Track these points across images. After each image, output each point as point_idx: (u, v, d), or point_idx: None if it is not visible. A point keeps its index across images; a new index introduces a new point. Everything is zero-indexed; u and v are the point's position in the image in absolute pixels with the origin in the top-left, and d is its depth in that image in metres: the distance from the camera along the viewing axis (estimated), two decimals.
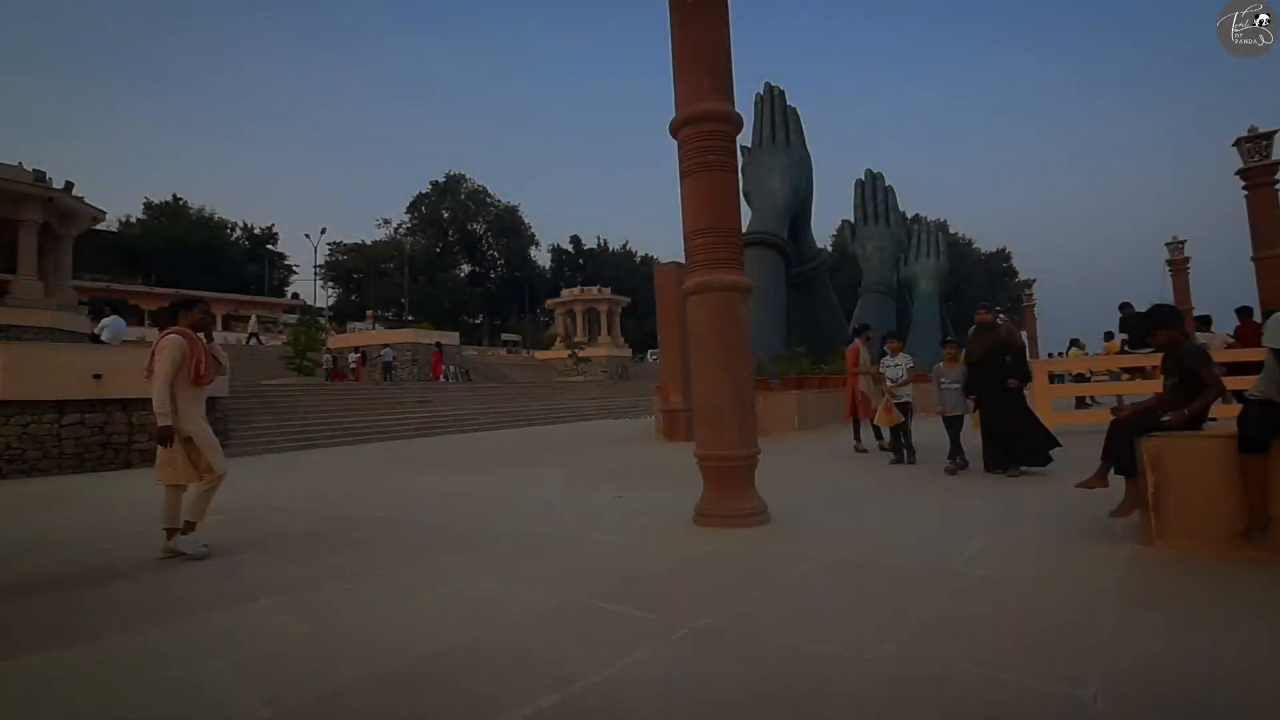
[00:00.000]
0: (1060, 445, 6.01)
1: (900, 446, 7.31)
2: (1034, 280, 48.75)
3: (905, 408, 7.30)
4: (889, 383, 7.38)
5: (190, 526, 4.38)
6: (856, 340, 8.98)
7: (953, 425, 6.57)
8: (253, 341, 32.95)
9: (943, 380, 6.76)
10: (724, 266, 4.58)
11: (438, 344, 29.23)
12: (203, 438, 4.42)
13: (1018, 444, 6.02)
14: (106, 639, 2.83)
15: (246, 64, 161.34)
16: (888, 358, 7.61)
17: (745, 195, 16.53)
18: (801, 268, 17.35)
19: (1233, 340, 10.79)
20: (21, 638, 2.91)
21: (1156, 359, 6.23)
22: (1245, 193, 11.46)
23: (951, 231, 64.21)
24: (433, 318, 46.70)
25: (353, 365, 27.01)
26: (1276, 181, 11.29)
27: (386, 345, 28.53)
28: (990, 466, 6.13)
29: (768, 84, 17.71)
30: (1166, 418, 3.52)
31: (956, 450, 6.43)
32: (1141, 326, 3.83)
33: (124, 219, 53.09)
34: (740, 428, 4.50)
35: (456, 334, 35.51)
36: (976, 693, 1.97)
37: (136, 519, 6.21)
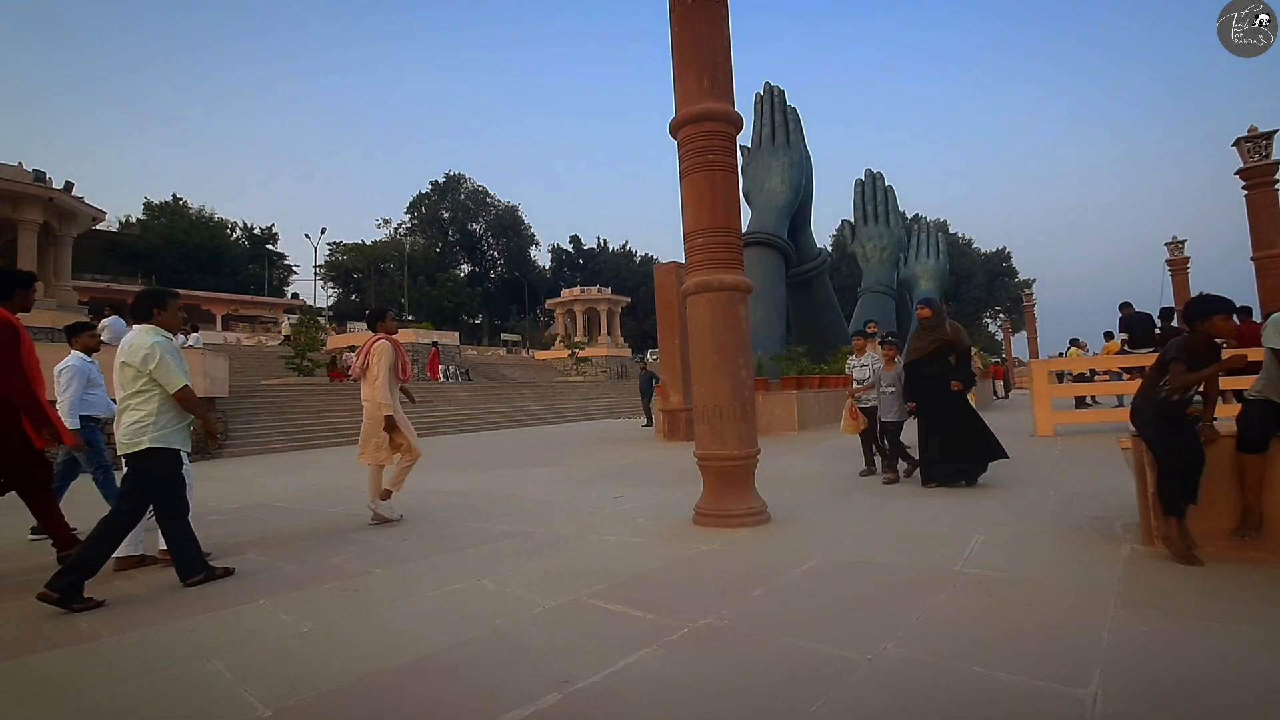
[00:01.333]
0: (1007, 457, 5.53)
1: (871, 455, 6.74)
2: (1033, 280, 48.67)
3: (873, 413, 6.67)
4: (856, 385, 6.85)
5: (388, 494, 5.37)
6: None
7: (888, 431, 6.17)
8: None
9: (880, 383, 6.31)
10: (724, 266, 4.58)
11: (434, 344, 29.32)
12: (405, 423, 5.36)
13: (959, 454, 5.50)
14: (106, 639, 2.83)
15: (247, 64, 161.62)
16: (853, 358, 7.03)
17: (745, 195, 16.53)
18: (801, 268, 17.34)
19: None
20: (21, 637, 2.91)
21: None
22: (1245, 193, 11.45)
23: (951, 231, 64.26)
24: (433, 318, 46.73)
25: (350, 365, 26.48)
26: (1276, 181, 11.27)
27: None
28: (928, 478, 5.62)
29: (768, 84, 17.72)
30: (1208, 430, 3.32)
31: (894, 459, 6.10)
32: (1215, 309, 3.34)
33: (124, 219, 53.11)
34: (740, 428, 4.50)
35: (456, 334, 35.52)
36: (976, 692, 1.97)
37: None
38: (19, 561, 4.51)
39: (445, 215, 69.28)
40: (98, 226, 25.61)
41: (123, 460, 3.62)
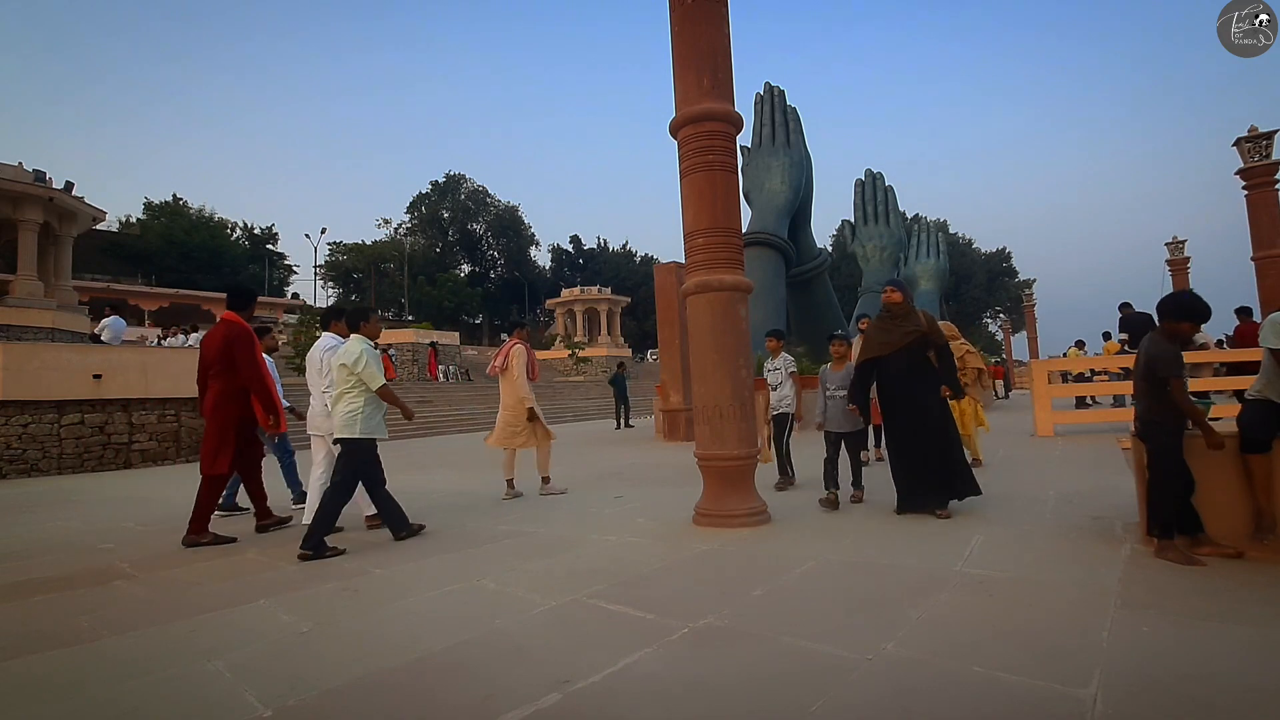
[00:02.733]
0: (979, 494, 4.51)
1: (784, 465, 6.15)
2: (1034, 280, 48.57)
3: (783, 420, 6.09)
4: (771, 390, 6.17)
5: (547, 479, 6.44)
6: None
7: (845, 443, 5.16)
8: None
9: (829, 386, 5.26)
10: (724, 266, 4.58)
11: (432, 344, 29.42)
12: (540, 414, 6.29)
13: (932, 477, 4.45)
14: (106, 639, 2.83)
15: (247, 64, 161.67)
16: (769, 360, 6.35)
17: (745, 195, 16.53)
18: (801, 267, 17.35)
19: (1227, 337, 10.82)
20: (21, 638, 2.91)
21: None
22: (1245, 193, 11.46)
23: (951, 231, 64.25)
24: (433, 318, 46.78)
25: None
26: (1277, 181, 11.28)
27: (390, 346, 28.65)
28: (907, 506, 4.53)
29: (768, 84, 17.72)
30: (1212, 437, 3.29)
31: (832, 478, 5.05)
32: (1193, 316, 3.27)
33: (124, 219, 53.09)
34: (740, 428, 4.50)
35: (456, 334, 35.54)
36: (976, 693, 1.97)
37: (136, 519, 6.20)
38: (18, 562, 4.51)
39: (445, 215, 69.28)
40: (98, 226, 25.59)
41: (333, 441, 4.64)
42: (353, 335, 4.60)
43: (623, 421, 17.34)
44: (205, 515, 4.81)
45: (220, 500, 5.89)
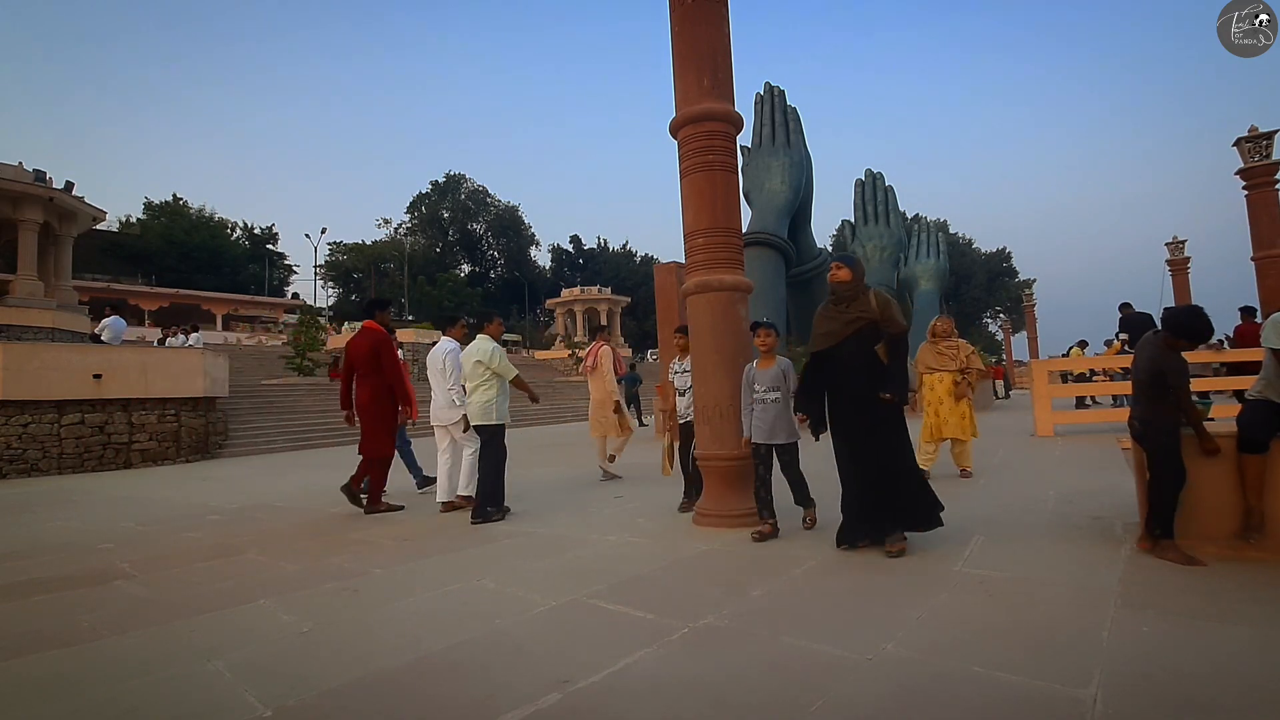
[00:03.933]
0: (942, 509, 3.72)
1: (690, 483, 5.20)
2: (1034, 280, 48.48)
3: (690, 429, 5.13)
4: (678, 395, 5.46)
5: (612, 458, 7.36)
6: None
7: (777, 455, 4.20)
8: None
9: (756, 387, 4.20)
10: (724, 266, 4.58)
11: (433, 345, 29.55)
12: (625, 409, 7.54)
13: (891, 496, 3.62)
14: (106, 639, 2.83)
15: (248, 65, 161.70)
16: (675, 362, 5.63)
17: (745, 195, 16.52)
18: (801, 267, 17.34)
19: (1228, 337, 10.82)
20: (21, 638, 2.91)
21: None
22: (1245, 193, 11.45)
23: (951, 231, 64.25)
24: (433, 318, 46.74)
25: None
26: (1277, 181, 11.28)
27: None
28: (849, 536, 3.72)
29: (768, 84, 17.71)
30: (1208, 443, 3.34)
31: (766, 503, 4.13)
32: (1199, 338, 3.46)
33: (124, 219, 53.11)
34: (740, 428, 4.50)
35: None
36: (976, 692, 1.97)
37: (136, 519, 6.20)
38: (18, 562, 4.51)
39: (445, 215, 69.34)
40: (98, 226, 25.58)
41: (474, 427, 5.28)
42: (479, 336, 5.24)
43: (636, 421, 17.49)
44: (380, 489, 5.78)
45: (417, 481, 7.04)
